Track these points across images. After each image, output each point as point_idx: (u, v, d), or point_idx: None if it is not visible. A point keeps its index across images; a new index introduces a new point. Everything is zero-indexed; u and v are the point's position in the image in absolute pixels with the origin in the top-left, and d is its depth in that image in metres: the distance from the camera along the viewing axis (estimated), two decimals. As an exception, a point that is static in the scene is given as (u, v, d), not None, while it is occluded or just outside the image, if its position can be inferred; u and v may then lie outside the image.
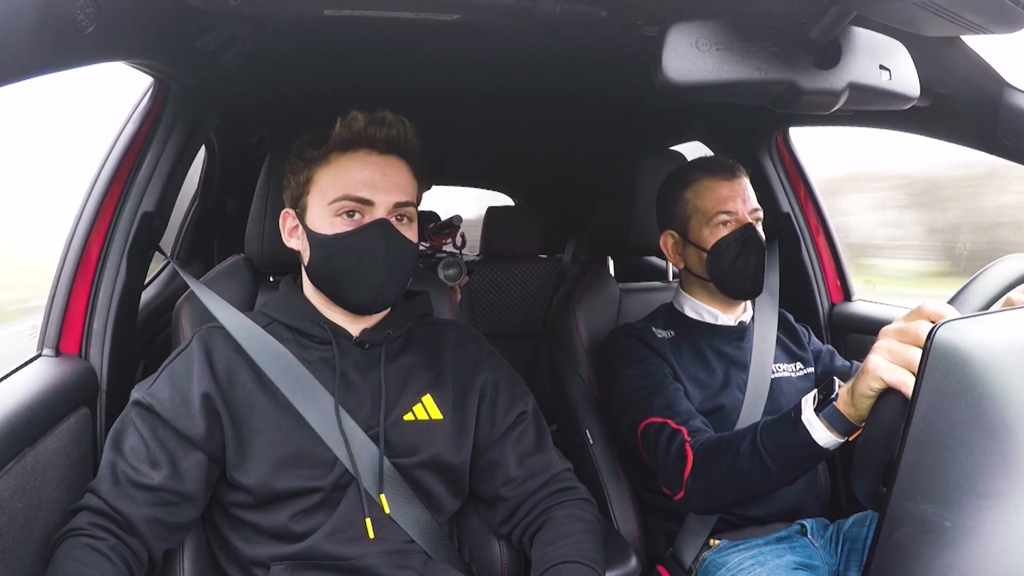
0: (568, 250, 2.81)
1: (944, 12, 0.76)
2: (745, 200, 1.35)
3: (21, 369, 1.08)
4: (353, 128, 1.02)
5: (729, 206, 1.34)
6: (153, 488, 0.94)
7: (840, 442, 0.95)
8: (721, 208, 1.34)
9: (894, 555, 0.65)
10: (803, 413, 0.98)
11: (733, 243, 1.33)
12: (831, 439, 0.95)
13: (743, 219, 1.34)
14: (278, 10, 1.02)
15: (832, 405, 0.94)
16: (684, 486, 1.14)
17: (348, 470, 0.99)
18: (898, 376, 0.77)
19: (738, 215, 1.34)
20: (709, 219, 1.35)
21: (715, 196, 1.35)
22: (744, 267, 1.33)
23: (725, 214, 1.34)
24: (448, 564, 1.05)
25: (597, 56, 1.36)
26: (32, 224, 2.32)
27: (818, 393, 0.98)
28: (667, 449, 1.18)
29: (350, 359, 1.06)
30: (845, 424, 0.93)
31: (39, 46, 0.68)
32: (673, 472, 1.16)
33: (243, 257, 1.30)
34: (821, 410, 0.95)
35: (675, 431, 1.18)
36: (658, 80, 0.77)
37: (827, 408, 0.94)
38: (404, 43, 1.31)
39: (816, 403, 0.97)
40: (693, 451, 1.14)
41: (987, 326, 0.69)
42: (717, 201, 1.34)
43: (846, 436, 0.95)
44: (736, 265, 1.33)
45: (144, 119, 1.23)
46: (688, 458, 1.14)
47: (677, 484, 1.16)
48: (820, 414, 0.95)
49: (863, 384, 0.84)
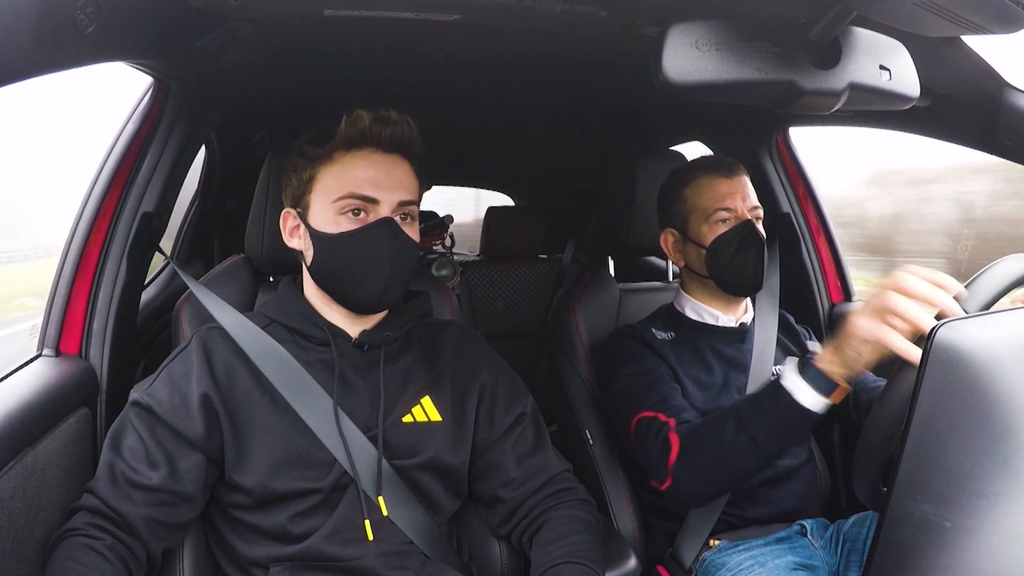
0: (568, 250, 2.81)
1: (944, 12, 0.76)
2: (745, 197, 1.35)
3: (21, 369, 1.09)
4: (358, 126, 1.02)
5: (728, 203, 1.34)
6: (151, 488, 0.94)
7: (826, 402, 0.99)
8: (720, 205, 1.34)
9: (894, 555, 0.65)
10: (785, 379, 1.01)
11: (732, 239, 1.33)
12: (817, 399, 0.98)
13: (742, 216, 1.34)
14: (278, 10, 1.02)
15: (812, 365, 0.98)
16: (671, 472, 1.14)
17: (347, 471, 0.99)
18: (881, 331, 0.86)
19: (737, 212, 1.34)
20: (708, 216, 1.35)
21: (714, 193, 1.35)
22: (743, 263, 1.33)
23: (724, 211, 1.34)
24: (447, 565, 1.05)
25: (597, 56, 1.36)
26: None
27: (797, 359, 1.02)
28: (655, 439, 1.18)
29: (348, 360, 1.06)
30: (828, 383, 0.97)
31: (39, 46, 0.68)
32: (659, 460, 1.16)
33: (243, 257, 1.30)
34: (803, 373, 0.99)
35: (664, 423, 1.19)
36: (658, 80, 0.77)
37: (809, 369, 0.98)
38: (404, 43, 1.31)
39: (798, 368, 1.00)
40: (679, 436, 1.15)
41: (987, 326, 0.69)
42: (716, 198, 1.35)
43: (829, 395, 0.98)
44: (735, 261, 1.33)
45: (144, 119, 1.23)
46: (673, 444, 1.15)
47: (663, 472, 1.16)
48: (804, 377, 0.99)
49: (847, 347, 0.92)
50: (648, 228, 1.54)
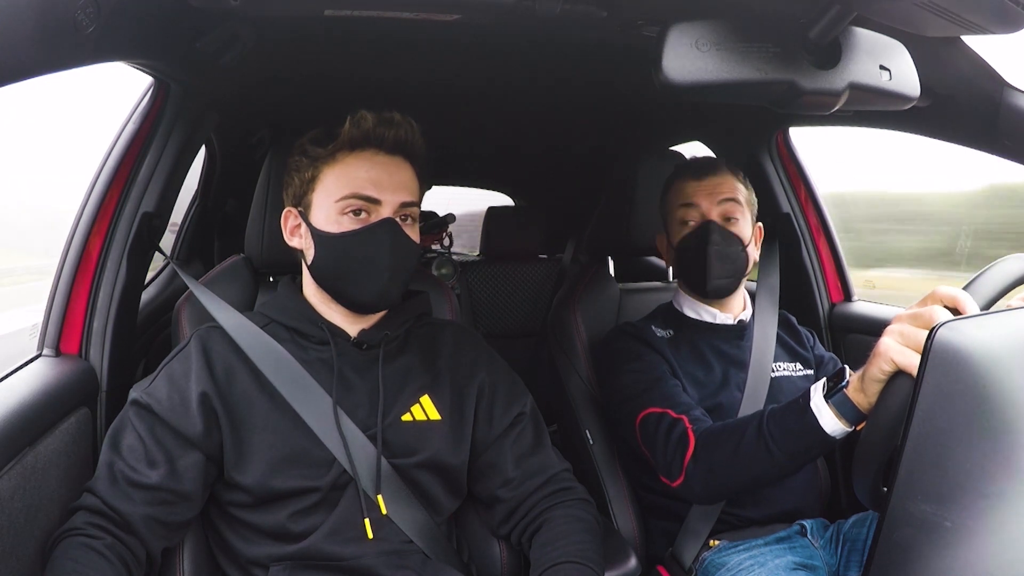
0: (568, 250, 2.81)
1: (944, 12, 0.76)
2: (711, 194, 1.35)
3: (21, 369, 1.08)
4: (362, 127, 1.02)
5: (692, 203, 1.35)
6: (150, 487, 0.94)
7: (847, 431, 0.95)
8: (684, 205, 1.36)
9: (894, 555, 0.65)
10: (812, 400, 0.98)
11: (691, 241, 1.35)
12: (838, 427, 0.95)
13: (707, 215, 1.34)
14: (278, 10, 1.02)
15: (842, 392, 0.94)
16: (684, 471, 1.14)
17: (346, 470, 1.00)
18: (909, 359, 0.77)
19: (702, 211, 1.35)
20: (676, 219, 1.38)
21: (680, 195, 1.38)
22: (702, 265, 1.33)
23: (686, 209, 1.36)
24: (446, 564, 1.05)
25: (597, 56, 1.36)
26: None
27: (828, 380, 0.98)
28: (667, 436, 1.17)
29: (348, 360, 1.06)
30: (854, 412, 0.93)
31: (39, 46, 0.68)
32: (673, 457, 1.16)
33: (243, 257, 1.30)
34: (831, 397, 0.95)
35: (676, 419, 1.18)
36: (658, 80, 0.77)
37: (837, 395, 0.94)
38: (404, 43, 1.31)
39: (826, 391, 0.97)
40: (696, 436, 1.14)
41: (987, 326, 0.69)
42: (680, 199, 1.37)
43: (854, 425, 0.95)
44: (695, 264, 1.34)
45: (144, 119, 1.23)
46: (690, 442, 1.14)
47: (677, 469, 1.15)
48: (829, 401, 0.95)
49: (874, 367, 0.84)
50: (648, 228, 1.54)
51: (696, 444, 1.13)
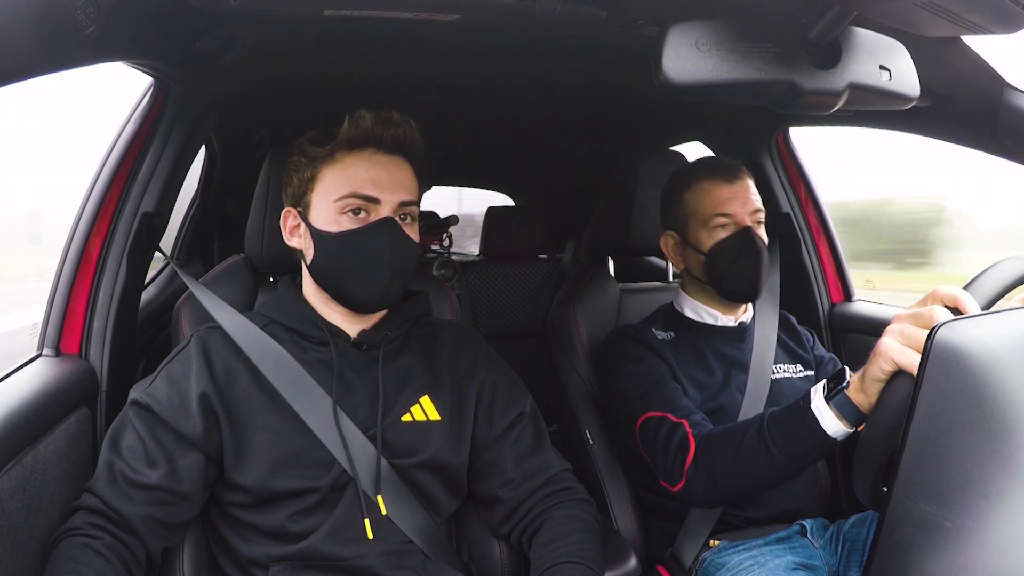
0: (568, 250, 2.81)
1: (944, 12, 0.76)
2: (745, 202, 1.33)
3: (21, 369, 1.09)
4: (361, 127, 1.02)
5: (727, 209, 1.32)
6: (150, 487, 0.94)
7: (848, 432, 0.95)
8: (718, 211, 1.33)
9: (894, 555, 0.65)
10: (812, 401, 0.98)
11: (730, 247, 1.32)
12: (840, 428, 0.95)
13: (742, 222, 1.32)
14: (278, 10, 1.02)
15: (843, 393, 0.93)
16: (685, 475, 1.13)
17: (346, 471, 1.00)
18: (909, 358, 0.77)
19: (736, 218, 1.32)
20: (707, 222, 1.34)
21: (713, 199, 1.34)
22: (741, 271, 1.32)
23: (722, 217, 1.33)
24: (446, 564, 1.05)
25: (597, 56, 1.36)
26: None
27: (828, 382, 0.98)
28: (667, 440, 1.17)
29: (347, 360, 1.06)
30: (855, 412, 0.93)
31: (39, 46, 0.68)
32: (674, 461, 1.15)
33: (243, 257, 1.30)
34: (832, 398, 0.95)
35: (676, 424, 1.18)
36: (658, 80, 0.77)
37: (837, 396, 0.94)
38: (404, 44, 1.31)
39: (827, 392, 0.97)
40: (696, 440, 1.13)
41: (987, 326, 0.69)
42: (715, 204, 1.33)
43: (855, 426, 0.94)
44: (733, 269, 1.32)
45: (144, 119, 1.23)
46: (691, 447, 1.13)
47: (677, 473, 1.14)
48: (830, 402, 0.95)
49: (874, 367, 0.83)
50: (648, 228, 1.54)
51: (696, 448, 1.13)
